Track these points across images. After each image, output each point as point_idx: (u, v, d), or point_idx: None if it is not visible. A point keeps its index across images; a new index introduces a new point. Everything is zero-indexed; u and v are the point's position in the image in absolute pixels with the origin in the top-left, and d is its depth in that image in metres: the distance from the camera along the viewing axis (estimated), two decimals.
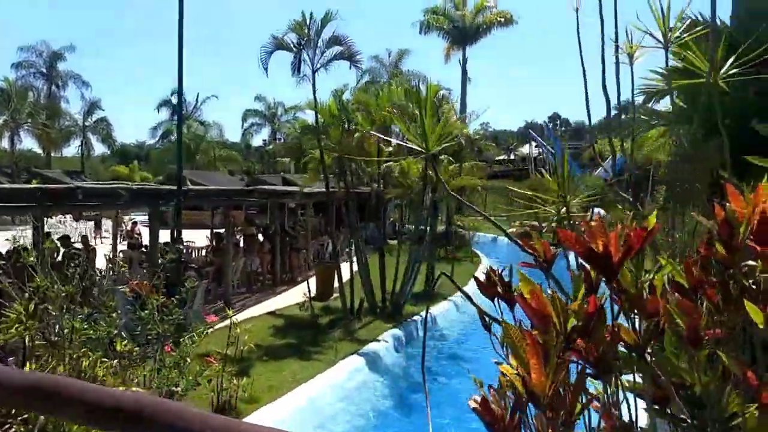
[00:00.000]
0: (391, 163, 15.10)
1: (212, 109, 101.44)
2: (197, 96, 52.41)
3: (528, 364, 1.38)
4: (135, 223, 23.62)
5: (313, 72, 12.70)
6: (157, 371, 5.85)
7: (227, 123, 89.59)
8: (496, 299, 2.03)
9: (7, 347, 6.29)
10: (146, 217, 14.73)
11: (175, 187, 11.09)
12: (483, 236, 29.66)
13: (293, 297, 15.17)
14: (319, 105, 13.00)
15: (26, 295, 4.96)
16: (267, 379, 8.88)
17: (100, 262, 13.91)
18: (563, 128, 79.36)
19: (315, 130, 12.96)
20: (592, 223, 1.60)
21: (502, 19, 34.91)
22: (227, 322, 7.78)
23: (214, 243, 16.56)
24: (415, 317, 13.10)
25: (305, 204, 21.00)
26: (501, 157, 62.93)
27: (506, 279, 2.12)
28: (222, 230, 18.06)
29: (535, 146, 58.86)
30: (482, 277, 2.14)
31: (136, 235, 19.30)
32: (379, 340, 11.08)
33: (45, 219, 11.92)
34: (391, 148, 15.14)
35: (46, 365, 4.80)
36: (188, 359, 6.25)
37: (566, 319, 1.54)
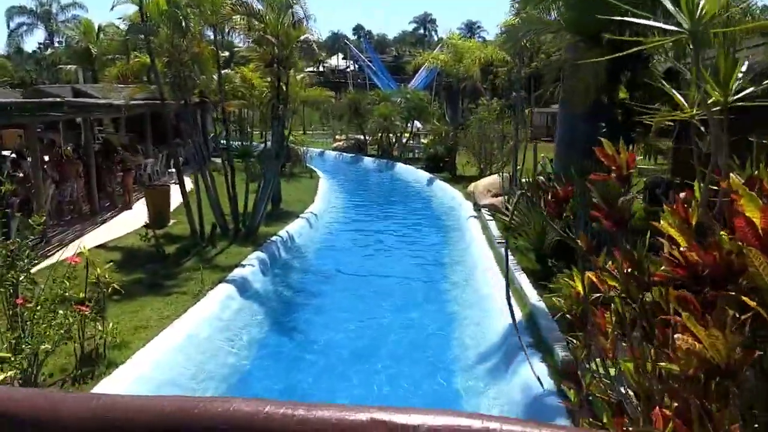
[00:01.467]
0: (229, 71, 13.60)
1: None
2: None
3: None
4: None
5: None
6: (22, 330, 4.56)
7: None
8: None
9: None
10: None
11: None
12: (310, 150, 29.18)
13: (121, 226, 13.30)
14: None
15: None
16: (128, 320, 7.68)
17: None
18: (367, 40, 79.90)
19: (143, 29, 10.87)
20: None
21: None
22: (48, 262, 6.31)
23: (10, 170, 13.55)
24: (274, 237, 12.42)
25: (118, 119, 18.15)
26: (309, 69, 61.53)
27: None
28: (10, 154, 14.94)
29: (342, 57, 58.65)
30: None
31: None
32: (244, 265, 10.27)
33: None
34: (227, 53, 13.57)
35: None
36: (56, 308, 4.99)
37: None
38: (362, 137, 33.65)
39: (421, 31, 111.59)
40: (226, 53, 13.11)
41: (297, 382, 7.02)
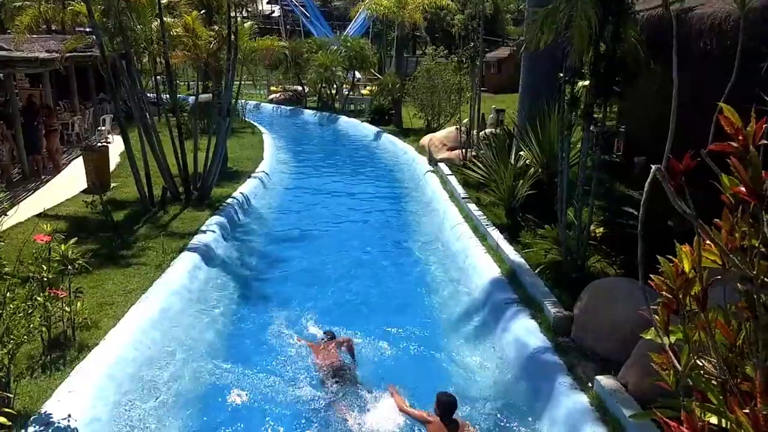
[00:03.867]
0: (168, 19, 12.50)
1: None
2: None
3: None
4: None
5: None
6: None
7: None
8: None
9: None
10: None
11: None
12: (245, 103, 27.91)
13: (57, 192, 12.26)
14: None
15: None
16: (91, 296, 7.10)
17: None
18: None
19: None
20: None
21: None
22: None
23: None
24: (229, 200, 11.83)
25: (41, 74, 16.45)
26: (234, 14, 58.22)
27: None
28: None
29: (267, 2, 55.82)
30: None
31: None
32: (205, 231, 9.72)
33: None
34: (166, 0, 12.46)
35: None
36: (33, 293, 4.47)
37: None
38: (301, 89, 32.50)
39: None
40: (164, 0, 11.95)
41: (279, 353, 6.77)
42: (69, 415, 4.63)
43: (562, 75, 7.06)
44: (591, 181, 6.96)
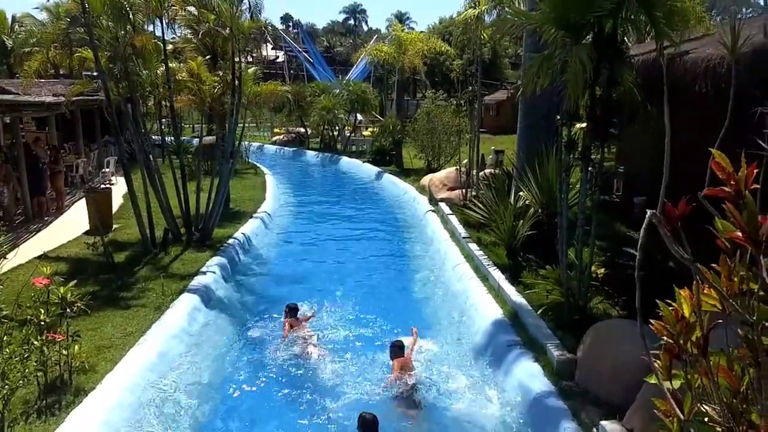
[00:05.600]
0: (174, 64, 12.79)
1: None
2: None
3: None
4: None
5: None
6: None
7: None
8: None
9: None
10: None
11: None
12: (248, 144, 28.30)
13: (59, 234, 12.30)
14: None
15: None
16: (89, 339, 7.04)
17: None
18: (296, 30, 78.03)
19: (85, 21, 9.93)
20: None
21: None
22: None
23: None
24: (230, 240, 11.84)
25: (47, 117, 16.75)
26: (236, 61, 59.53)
27: None
28: None
29: (272, 48, 57.03)
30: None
31: None
32: (205, 272, 9.70)
33: None
34: (171, 46, 12.77)
35: None
36: (29, 337, 4.43)
37: None
38: (304, 130, 32.98)
39: (351, 21, 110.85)
40: (170, 46, 12.28)
41: (280, 396, 6.66)
42: None
43: (559, 118, 7.17)
44: (591, 221, 6.98)
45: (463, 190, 13.97)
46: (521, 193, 10.18)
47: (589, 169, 7.09)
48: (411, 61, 23.40)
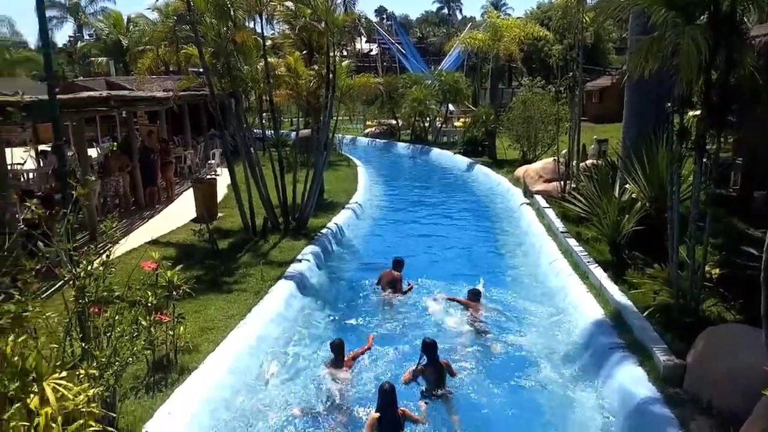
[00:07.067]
0: (272, 60, 13.22)
1: None
2: None
3: None
4: None
5: None
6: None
7: (19, 18, 72.37)
8: None
9: None
10: None
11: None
12: (341, 137, 28.90)
13: (169, 221, 13.17)
14: None
15: None
16: (193, 321, 7.46)
17: None
18: (389, 22, 78.33)
19: (190, 19, 10.51)
20: None
21: None
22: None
23: (55, 165, 13.47)
24: (324, 230, 12.13)
25: (158, 111, 18.00)
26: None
27: None
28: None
29: (366, 41, 57.64)
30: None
31: None
32: (300, 260, 10.00)
33: None
34: (271, 41, 13.22)
35: None
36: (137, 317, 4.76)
37: None
38: (395, 122, 33.13)
39: (445, 10, 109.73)
40: (269, 42, 12.71)
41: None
42: None
43: (669, 104, 6.63)
44: (705, 217, 6.40)
45: (562, 182, 13.38)
46: (627, 186, 9.55)
47: (704, 160, 6.51)
48: (507, 48, 22.76)
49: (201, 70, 11.40)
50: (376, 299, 9.13)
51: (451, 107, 32.64)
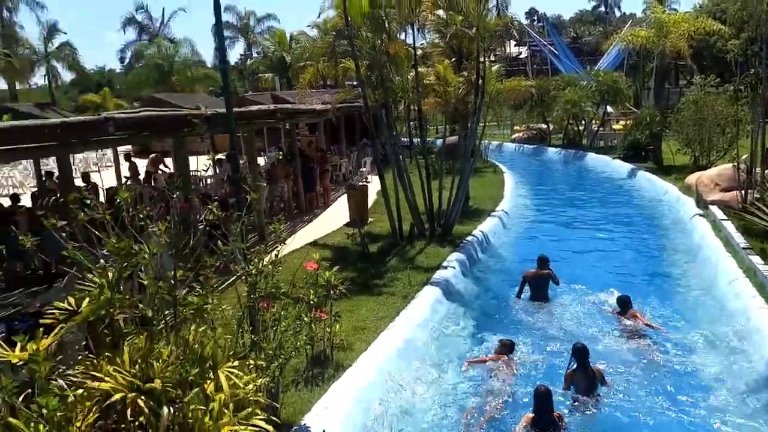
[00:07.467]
0: (422, 69, 13.42)
1: (181, 25, 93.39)
2: (163, 11, 48.17)
3: None
4: (158, 156, 19.12)
5: None
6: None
7: (198, 39, 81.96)
8: None
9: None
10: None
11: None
12: (488, 143, 28.35)
13: (325, 224, 13.96)
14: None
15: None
16: (347, 320, 7.77)
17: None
18: (540, 24, 75.43)
19: (348, 33, 11.05)
20: None
21: None
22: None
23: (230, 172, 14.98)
24: (469, 237, 12.02)
25: (317, 123, 19.23)
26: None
27: None
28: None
29: (515, 44, 56.02)
30: None
31: (163, 169, 17.44)
32: (446, 267, 10.00)
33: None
34: (421, 51, 13.45)
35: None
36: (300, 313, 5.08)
37: None
38: (545, 126, 31.92)
39: (602, 8, 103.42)
40: (419, 51, 12.93)
41: None
42: (324, 431, 5.04)
43: None
44: None
45: (743, 192, 11.88)
46: None
47: None
48: (674, 45, 20.77)
49: (356, 83, 11.94)
50: (525, 306, 9.01)
51: (609, 109, 30.63)
